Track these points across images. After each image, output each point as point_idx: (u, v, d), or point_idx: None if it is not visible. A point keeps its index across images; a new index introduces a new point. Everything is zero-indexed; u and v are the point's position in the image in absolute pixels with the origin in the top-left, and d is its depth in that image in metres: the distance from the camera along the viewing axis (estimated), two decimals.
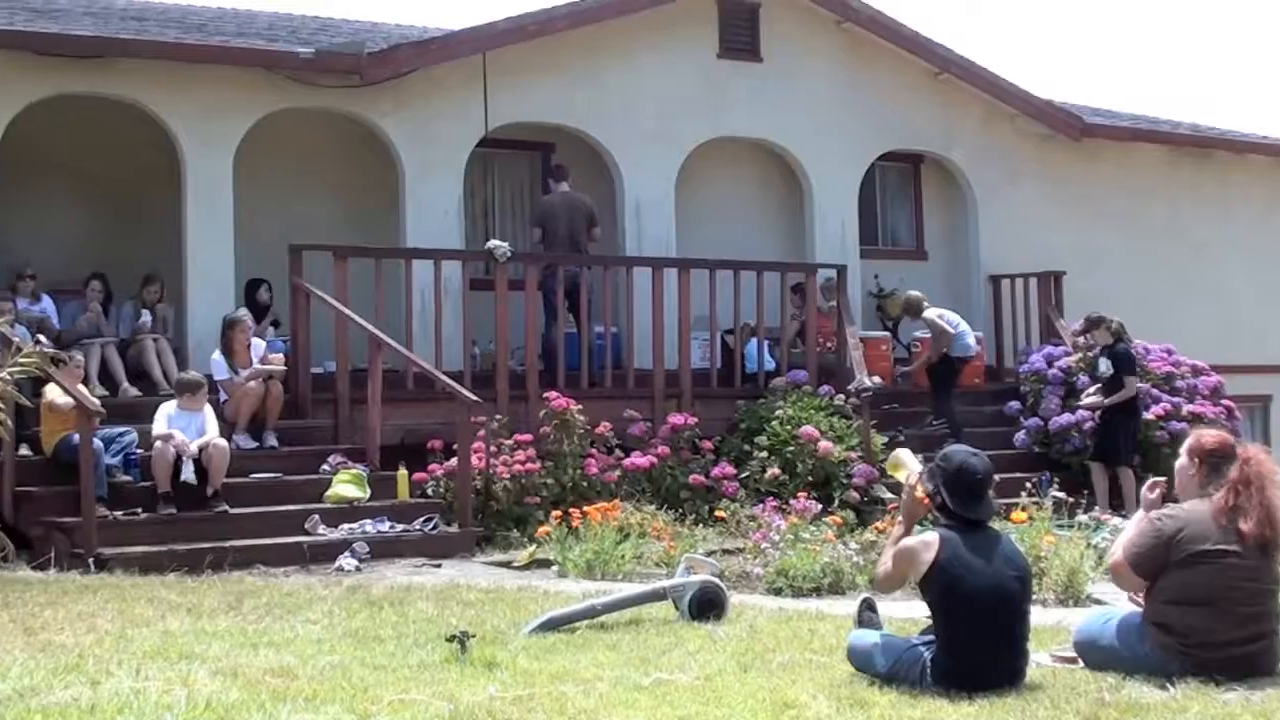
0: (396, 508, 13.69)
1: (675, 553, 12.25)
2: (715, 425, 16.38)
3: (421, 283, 15.89)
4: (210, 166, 16.16)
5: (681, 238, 18.51)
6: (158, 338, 15.47)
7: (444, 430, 14.55)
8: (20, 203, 15.61)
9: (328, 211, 17.58)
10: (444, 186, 17.35)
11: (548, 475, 14.58)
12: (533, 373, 16.12)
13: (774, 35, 19.30)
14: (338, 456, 14.21)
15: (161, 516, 12.72)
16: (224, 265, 16.05)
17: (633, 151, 18.42)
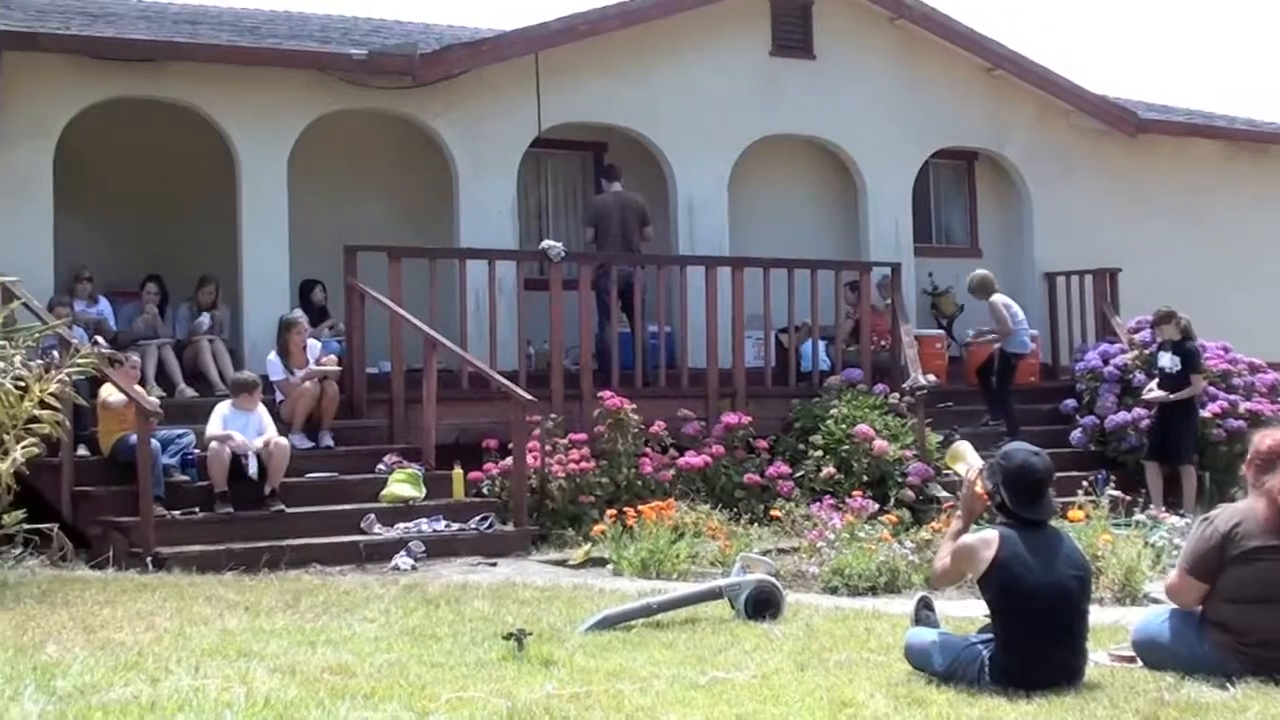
0: (452, 507, 13.71)
1: (730, 552, 12.25)
2: (770, 424, 16.36)
3: (476, 283, 15.93)
4: (265, 168, 16.25)
5: (735, 236, 18.50)
6: (214, 339, 15.57)
7: (499, 429, 14.58)
8: (78, 205, 15.70)
9: (381, 212, 17.64)
10: (497, 186, 17.38)
11: (602, 474, 14.59)
12: (587, 372, 16.14)
13: (827, 32, 19.25)
14: (393, 456, 14.26)
15: (218, 516, 12.80)
16: (279, 266, 16.13)
17: (685, 150, 18.40)
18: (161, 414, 12.78)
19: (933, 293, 20.19)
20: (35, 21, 16.01)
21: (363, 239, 15.82)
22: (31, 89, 15.23)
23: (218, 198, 16.51)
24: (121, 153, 16.93)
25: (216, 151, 16.38)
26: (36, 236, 14.94)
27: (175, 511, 12.66)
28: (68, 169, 15.47)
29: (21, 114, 15.04)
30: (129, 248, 16.76)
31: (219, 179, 16.45)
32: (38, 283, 14.21)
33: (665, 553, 12.16)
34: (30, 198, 15.00)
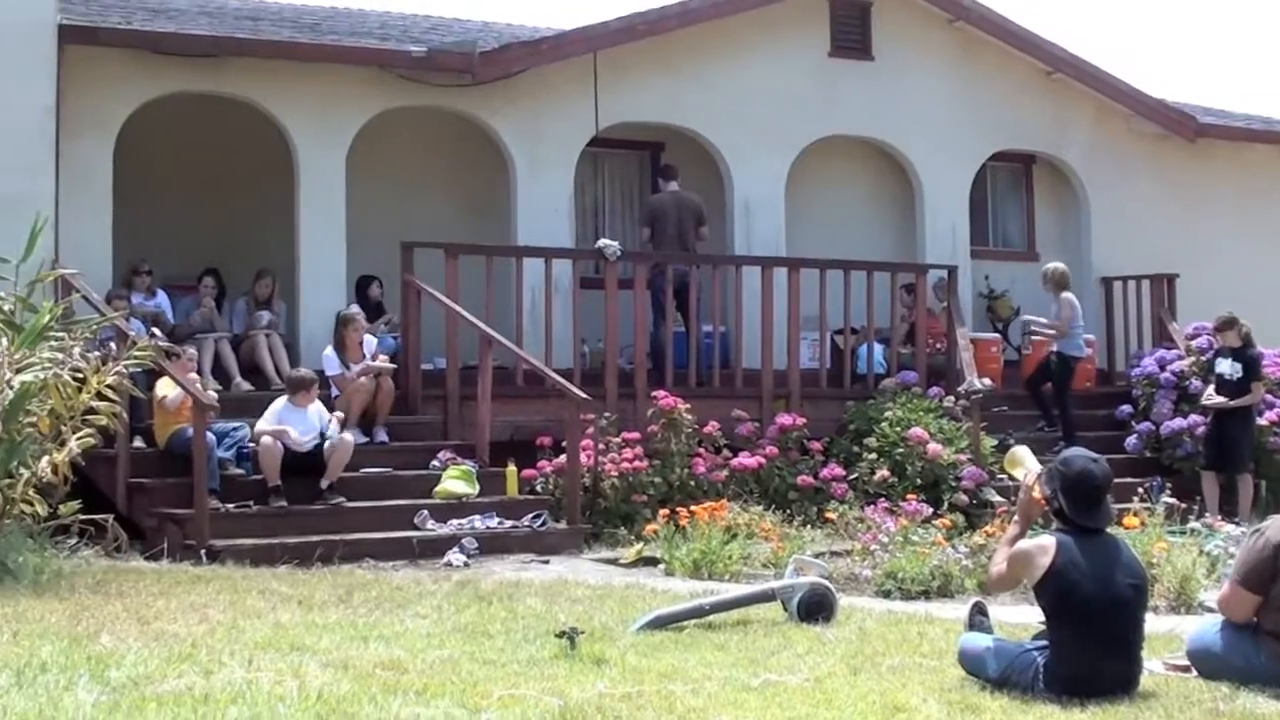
0: (505, 504, 13.72)
1: (783, 554, 12.21)
2: (824, 426, 16.32)
3: (532, 281, 15.95)
4: (323, 164, 16.29)
5: (791, 237, 18.45)
6: (270, 333, 15.62)
7: (553, 427, 14.59)
8: (137, 199, 15.78)
9: (438, 209, 17.67)
10: (554, 185, 17.39)
11: (655, 474, 14.58)
12: (641, 371, 16.13)
13: (885, 34, 19.19)
14: (447, 452, 14.27)
15: (272, 509, 12.83)
16: (336, 262, 16.18)
17: (743, 150, 18.37)
18: (218, 408, 12.83)
19: (989, 296, 20.10)
20: (97, 16, 16.11)
21: (420, 236, 15.85)
22: (92, 83, 15.30)
23: (276, 193, 16.58)
24: (181, 147, 17.01)
25: (275, 147, 16.44)
26: (96, 229, 15.01)
27: (229, 504, 12.70)
28: (127, 162, 15.54)
29: (82, 108, 15.10)
30: (187, 241, 16.84)
31: (277, 174, 16.51)
32: (97, 275, 14.30)
33: (718, 554, 12.14)
34: (90, 191, 15.07)
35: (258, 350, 15.50)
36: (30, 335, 10.93)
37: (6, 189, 13.77)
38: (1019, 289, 19.95)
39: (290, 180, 16.32)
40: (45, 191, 13.92)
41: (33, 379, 10.49)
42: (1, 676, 6.65)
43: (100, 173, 15.23)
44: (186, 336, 14.96)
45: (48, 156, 14.15)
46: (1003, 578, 7.43)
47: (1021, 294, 19.77)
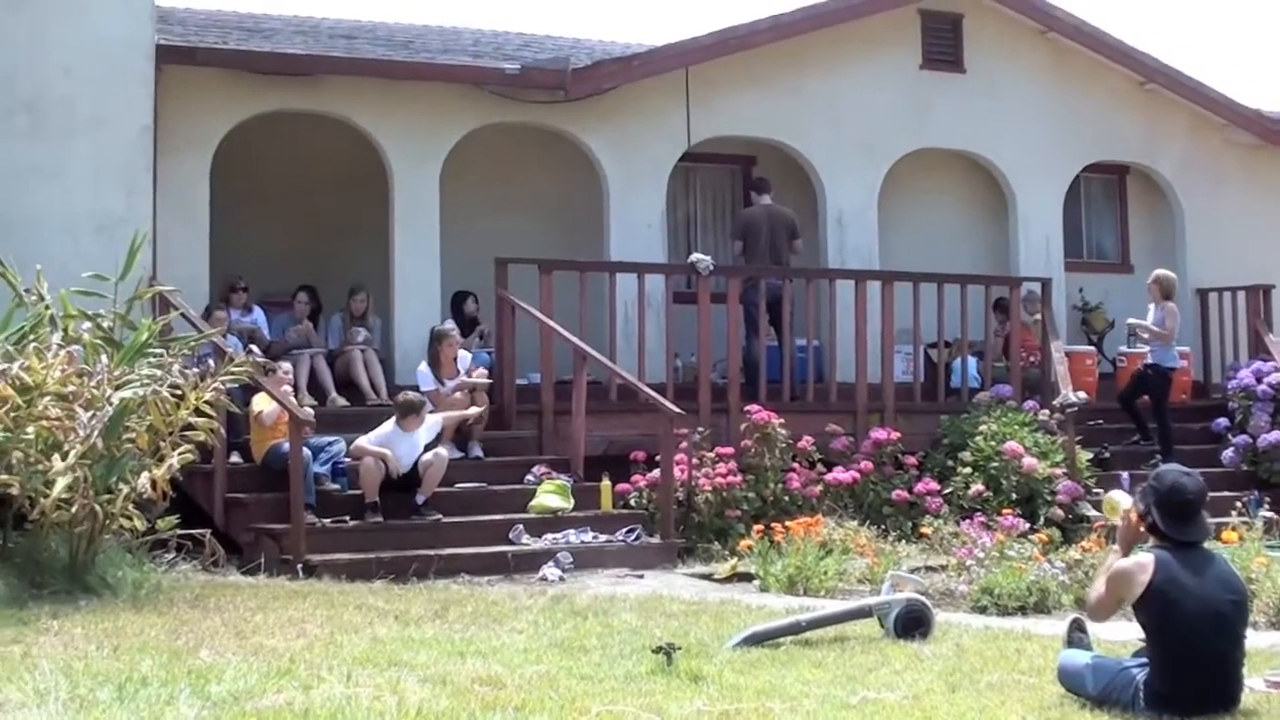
0: (599, 518, 13.71)
1: (878, 569, 12.15)
2: (918, 440, 16.20)
3: (625, 295, 15.94)
4: (417, 181, 16.37)
5: (884, 250, 18.36)
6: (365, 349, 15.68)
7: (646, 442, 14.57)
8: (233, 216, 15.89)
9: (532, 225, 17.71)
10: (646, 200, 17.39)
11: (749, 489, 14.52)
12: (734, 385, 16.08)
13: (977, 46, 19.06)
14: (542, 467, 14.28)
15: (368, 524, 12.86)
16: (430, 277, 16.24)
17: (835, 163, 18.29)
18: (314, 423, 12.88)
19: (1083, 308, 19.92)
20: (194, 36, 16.26)
21: (513, 251, 15.88)
22: (190, 102, 15.43)
23: (370, 209, 16.67)
24: (276, 164, 17.14)
25: (370, 164, 16.52)
26: (194, 247, 15.14)
27: (325, 519, 12.75)
28: (224, 180, 15.66)
29: (180, 126, 15.24)
30: (282, 258, 16.95)
31: (372, 191, 16.60)
32: (194, 292, 14.40)
33: (813, 569, 12.08)
34: (187, 208, 15.19)
35: (353, 366, 15.56)
36: (129, 352, 11.01)
37: (105, 207, 13.93)
38: (1113, 301, 19.75)
39: (385, 196, 16.40)
40: (143, 210, 14.05)
41: (132, 395, 10.56)
42: (103, 691, 6.69)
43: (197, 190, 15.35)
44: (283, 352, 15.04)
45: (145, 175, 14.28)
46: (1102, 601, 7.31)
47: (1116, 306, 19.57)
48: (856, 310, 16.67)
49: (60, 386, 10.43)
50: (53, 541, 10.45)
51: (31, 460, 10.23)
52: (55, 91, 14.03)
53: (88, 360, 10.90)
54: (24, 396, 10.24)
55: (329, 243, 17.21)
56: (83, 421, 10.21)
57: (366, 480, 13.02)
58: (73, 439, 10.17)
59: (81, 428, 10.19)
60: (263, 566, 11.95)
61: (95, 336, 11.16)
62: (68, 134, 14.04)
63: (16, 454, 10.20)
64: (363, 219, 17.00)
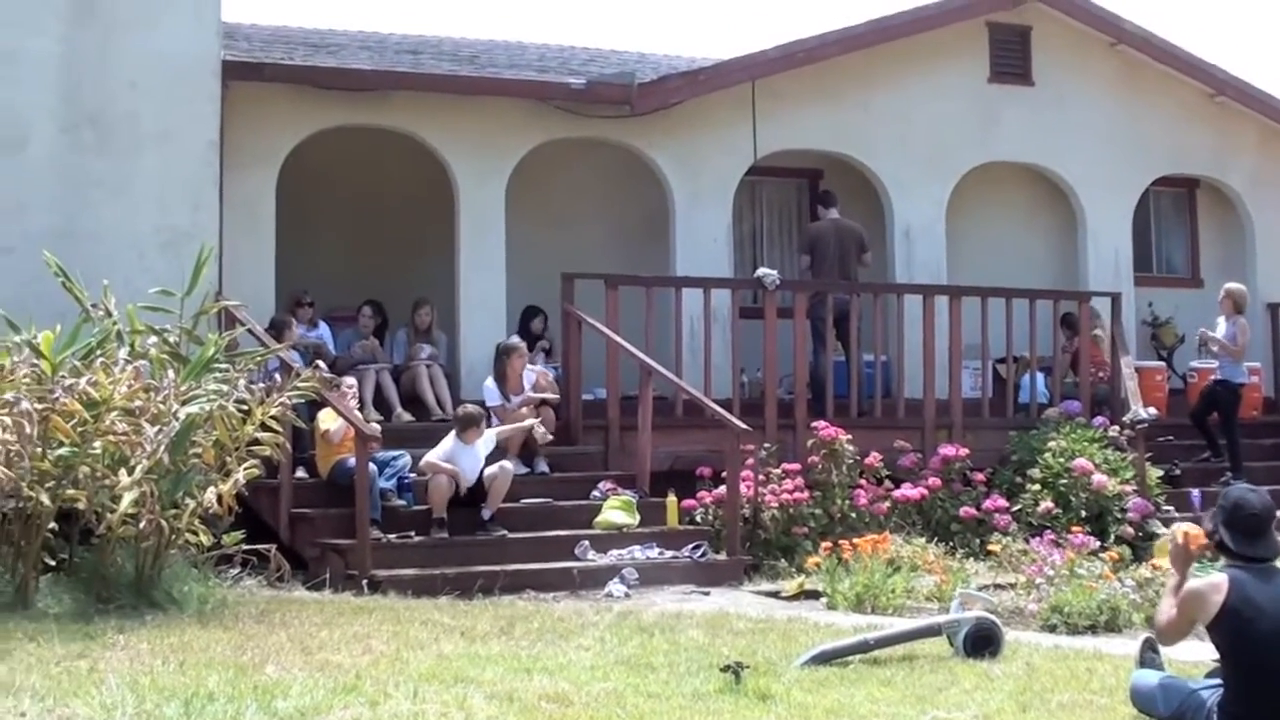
0: (665, 534, 13.67)
1: (946, 587, 12.07)
2: (987, 456, 16.09)
3: (691, 310, 15.91)
4: (483, 195, 16.38)
5: (951, 264, 18.27)
6: (431, 364, 15.70)
7: (712, 458, 14.52)
8: (298, 231, 15.96)
9: (597, 240, 17.72)
10: (712, 214, 17.36)
11: (816, 505, 14.45)
12: (801, 401, 16.02)
13: (1045, 58, 18.95)
14: (608, 483, 14.26)
15: (433, 540, 12.87)
16: (496, 292, 16.25)
17: (903, 177, 18.22)
18: (381, 439, 12.89)
19: (1153, 323, 19.76)
20: (260, 51, 16.35)
21: (579, 266, 15.89)
22: (255, 118, 15.50)
23: (435, 224, 16.71)
24: (342, 179, 17.21)
25: (435, 178, 16.56)
26: (260, 262, 15.20)
27: (391, 535, 12.76)
28: (289, 195, 15.72)
29: (246, 142, 15.31)
30: (348, 273, 17.02)
31: (437, 205, 16.63)
32: (260, 307, 14.44)
33: (880, 587, 12.00)
34: (254, 224, 15.26)
35: (418, 381, 15.59)
36: (196, 367, 11.05)
37: (172, 222, 14.00)
38: (1183, 316, 19.57)
39: (450, 211, 16.43)
40: (209, 224, 14.12)
41: (198, 410, 10.60)
42: (169, 707, 6.70)
43: (263, 205, 15.42)
44: (348, 368, 15.08)
45: (212, 190, 14.34)
46: (1174, 623, 7.17)
47: (1186, 321, 19.38)
48: (924, 325, 16.58)
49: (127, 401, 10.49)
50: (119, 556, 10.51)
51: (98, 475, 10.29)
52: (121, 106, 14.11)
53: (154, 375, 10.96)
54: (91, 411, 10.30)
55: (394, 258, 17.27)
56: (149, 436, 10.26)
57: (436, 496, 13.02)
58: (139, 454, 10.22)
59: (148, 443, 10.24)
60: (328, 582, 11.97)
61: (162, 351, 11.21)
62: (134, 149, 14.12)
63: (84, 469, 10.27)
64: (428, 234, 17.04)
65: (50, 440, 10.18)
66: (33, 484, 10.01)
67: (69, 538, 10.70)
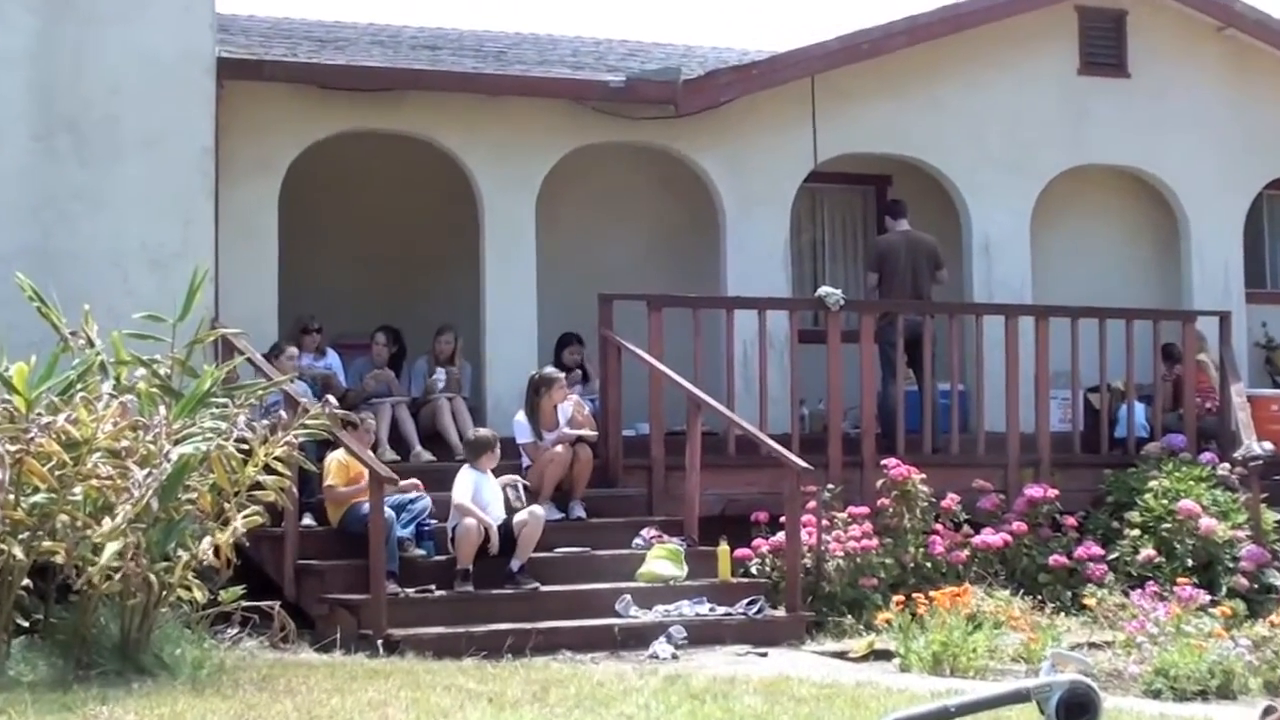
0: (717, 588, 13.64)
1: (1034, 646, 12.01)
2: (1078, 498, 16.01)
3: (744, 334, 15.90)
4: (510, 207, 16.40)
5: (1037, 280, 18.21)
6: (453, 397, 15.70)
7: (769, 501, 14.48)
8: (304, 249, 15.98)
9: (639, 256, 17.75)
10: (767, 226, 17.34)
11: (886, 554, 14.39)
12: (869, 436, 15.98)
13: (1143, 47, 18.87)
14: (652, 529, 14.24)
15: (457, 594, 12.85)
16: (526, 316, 16.25)
17: (981, 182, 18.18)
18: (397, 480, 12.89)
19: (1267, 345, 19.62)
20: (259, 47, 16.39)
21: (618, 286, 15.89)
22: (255, 121, 15.55)
23: (458, 240, 16.74)
24: (352, 190, 17.25)
25: (457, 188, 16.59)
26: (261, 283, 15.24)
27: (409, 589, 12.74)
28: (293, 209, 15.76)
29: (244, 149, 15.35)
30: (359, 296, 17.06)
31: (459, 219, 16.67)
32: (261, 334, 14.48)
33: (960, 646, 11.94)
34: (254, 241, 15.30)
35: (439, 415, 15.58)
36: (190, 402, 11.06)
37: (162, 239, 14.03)
38: None
39: (474, 225, 16.45)
40: (204, 242, 14.15)
41: (193, 451, 10.60)
42: None
43: (264, 220, 15.45)
44: (360, 401, 15.08)
45: (206, 203, 14.36)
46: None
47: None
48: (1007, 350, 16.53)
49: (112, 441, 10.47)
50: (102, 616, 10.50)
51: (79, 525, 10.24)
52: (102, 109, 14.15)
53: (143, 412, 10.94)
54: (71, 453, 10.27)
55: (412, 278, 17.29)
56: (137, 480, 10.23)
57: (464, 545, 12.97)
58: (125, 500, 10.18)
59: (136, 487, 10.20)
60: (339, 643, 11.95)
61: (151, 385, 11.21)
62: (117, 157, 14.15)
63: (63, 517, 10.23)
64: (450, 251, 17.07)
65: (24, 486, 10.14)
66: (4, 535, 10.00)
67: (45, 595, 10.70)
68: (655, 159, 17.52)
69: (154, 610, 10.49)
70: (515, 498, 13.89)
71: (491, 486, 13.45)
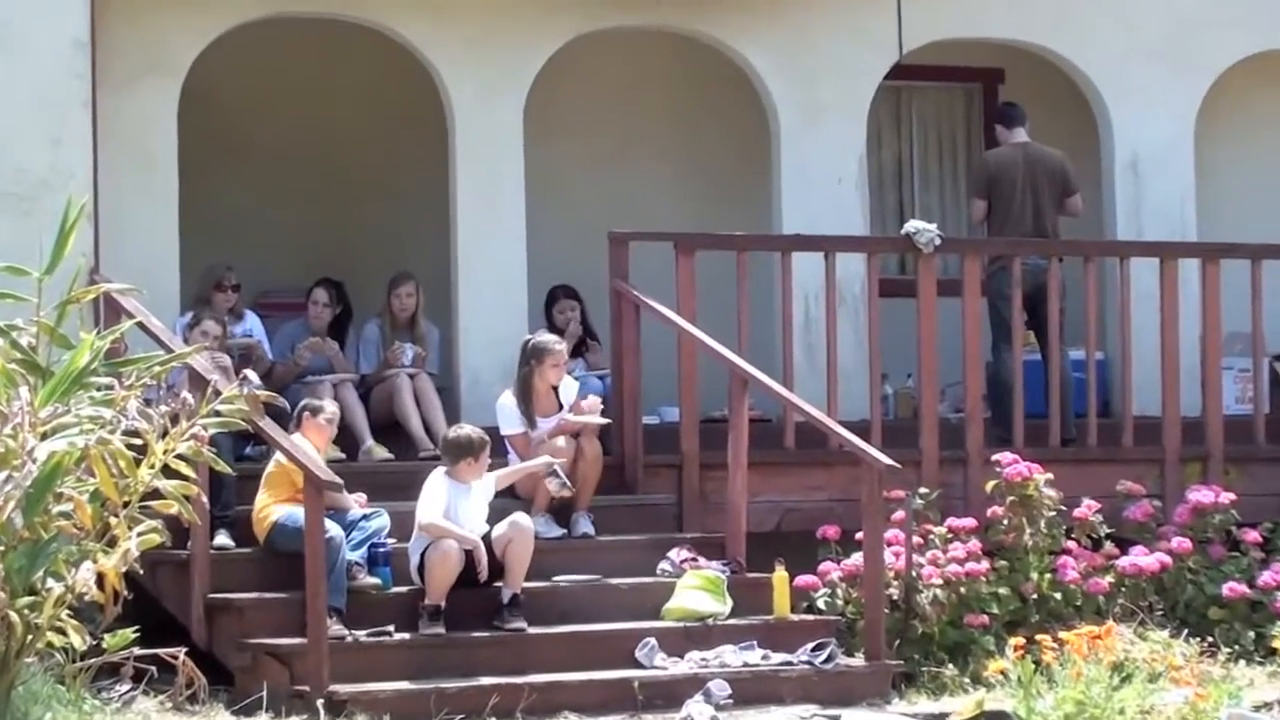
0: (772, 628, 13.70)
1: (1205, 705, 12.03)
2: (1262, 505, 15.99)
3: (806, 286, 15.99)
4: (491, 121, 16.44)
5: (1203, 211, 18.24)
6: (416, 373, 15.74)
7: (841, 510, 14.60)
8: (215, 177, 16.06)
9: (660, 183, 17.84)
10: (837, 142, 17.38)
11: (1000, 581, 14.43)
12: (975, 422, 16.02)
13: None
14: (683, 550, 14.26)
15: (424, 638, 12.88)
16: (512, 263, 16.34)
17: (1128, 79, 18.19)
18: (341, 486, 12.90)
19: None
20: None
21: (634, 223, 15.96)
22: (145, 8, 15.58)
23: (420, 165, 16.82)
24: (276, 100, 17.32)
25: (419, 96, 16.66)
26: (155, 222, 15.28)
27: (360, 632, 12.76)
28: (199, 124, 15.81)
29: (130, 43, 15.36)
30: (288, 239, 17.14)
31: (421, 136, 16.73)
32: (159, 291, 14.44)
33: (1102, 706, 11.98)
34: (146, 165, 15.35)
35: (398, 398, 15.59)
36: (62, 382, 11.10)
37: (21, 164, 14.15)
38: None
39: (441, 144, 16.50)
40: (78, 167, 14.22)
41: (67, 448, 10.65)
42: None
43: (160, 139, 15.49)
44: (292, 379, 15.13)
45: (81, 116, 14.42)
46: None
47: None
48: (1163, 304, 16.54)
49: None
50: None
51: None
52: None
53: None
54: None
55: (358, 216, 17.37)
56: None
57: (439, 574, 12.93)
58: None
59: None
60: (264, 703, 12.03)
61: (9, 359, 11.26)
62: None
63: None
64: (409, 180, 17.17)
65: None
66: None
67: None
68: (683, 51, 17.58)
69: (15, 661, 10.51)
70: (560, 487, 14.05)
71: (474, 501, 13.44)
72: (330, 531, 12.67)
